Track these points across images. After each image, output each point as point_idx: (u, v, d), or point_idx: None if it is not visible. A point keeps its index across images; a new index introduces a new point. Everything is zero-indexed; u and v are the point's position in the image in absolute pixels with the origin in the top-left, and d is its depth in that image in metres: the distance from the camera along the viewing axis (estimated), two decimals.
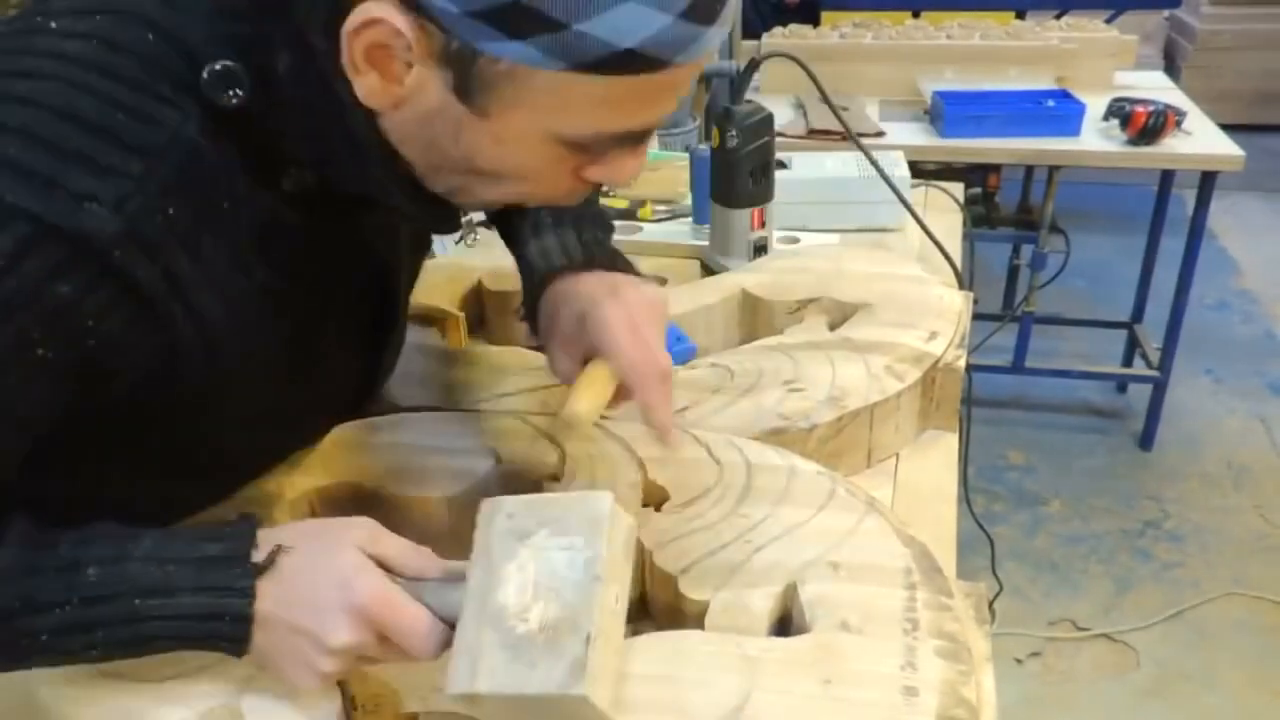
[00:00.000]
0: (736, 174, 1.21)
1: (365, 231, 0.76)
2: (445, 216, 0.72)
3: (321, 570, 0.62)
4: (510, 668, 0.57)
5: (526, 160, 0.62)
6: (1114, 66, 2.77)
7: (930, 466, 0.95)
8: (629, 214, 1.46)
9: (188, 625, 0.61)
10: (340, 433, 0.89)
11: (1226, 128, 2.47)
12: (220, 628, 0.61)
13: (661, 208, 1.47)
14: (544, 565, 0.59)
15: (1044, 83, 2.61)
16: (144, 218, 0.58)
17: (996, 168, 2.62)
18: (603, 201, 1.47)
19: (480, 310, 1.19)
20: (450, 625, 0.61)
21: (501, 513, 0.62)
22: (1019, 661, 2.14)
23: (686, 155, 1.46)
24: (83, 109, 0.57)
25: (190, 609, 0.61)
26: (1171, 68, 5.03)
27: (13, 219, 0.55)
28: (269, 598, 0.62)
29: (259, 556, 0.62)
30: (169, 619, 0.61)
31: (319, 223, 0.69)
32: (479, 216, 1.33)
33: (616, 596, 0.60)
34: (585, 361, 0.78)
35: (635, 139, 0.64)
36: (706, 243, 1.32)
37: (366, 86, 0.58)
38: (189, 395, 0.67)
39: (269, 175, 0.65)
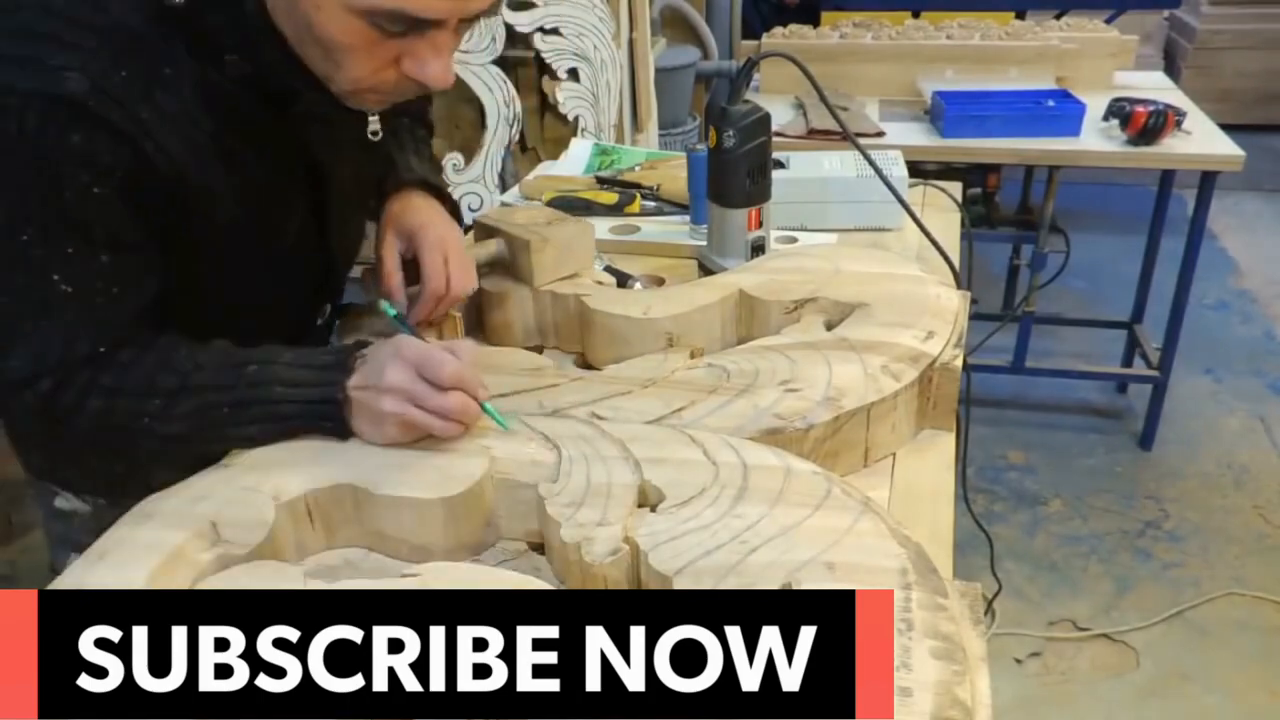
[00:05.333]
0: (733, 174, 1.21)
1: (298, 122, 0.92)
2: (349, 109, 0.88)
3: (382, 349, 0.87)
4: None
5: (339, 33, 0.77)
6: (1114, 66, 2.77)
7: (927, 466, 0.95)
8: (617, 208, 1.46)
9: (308, 408, 0.86)
10: None
11: (1226, 128, 2.47)
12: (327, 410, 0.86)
13: (650, 203, 1.47)
14: None
15: (1044, 83, 2.61)
16: (103, 77, 0.77)
17: (996, 168, 2.62)
18: (591, 195, 1.48)
19: (478, 310, 1.19)
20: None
21: None
22: (1018, 661, 2.13)
23: (684, 155, 1.46)
24: (54, 4, 0.78)
25: (309, 396, 0.86)
26: (1171, 68, 5.03)
27: (26, 104, 0.75)
28: (354, 383, 0.85)
29: (351, 364, 0.87)
30: (298, 403, 0.86)
31: (259, 106, 0.88)
32: None
33: None
34: (404, 249, 1.06)
35: (424, 25, 0.77)
36: (704, 243, 1.31)
37: None
38: (184, 238, 0.87)
39: (211, 56, 0.83)
